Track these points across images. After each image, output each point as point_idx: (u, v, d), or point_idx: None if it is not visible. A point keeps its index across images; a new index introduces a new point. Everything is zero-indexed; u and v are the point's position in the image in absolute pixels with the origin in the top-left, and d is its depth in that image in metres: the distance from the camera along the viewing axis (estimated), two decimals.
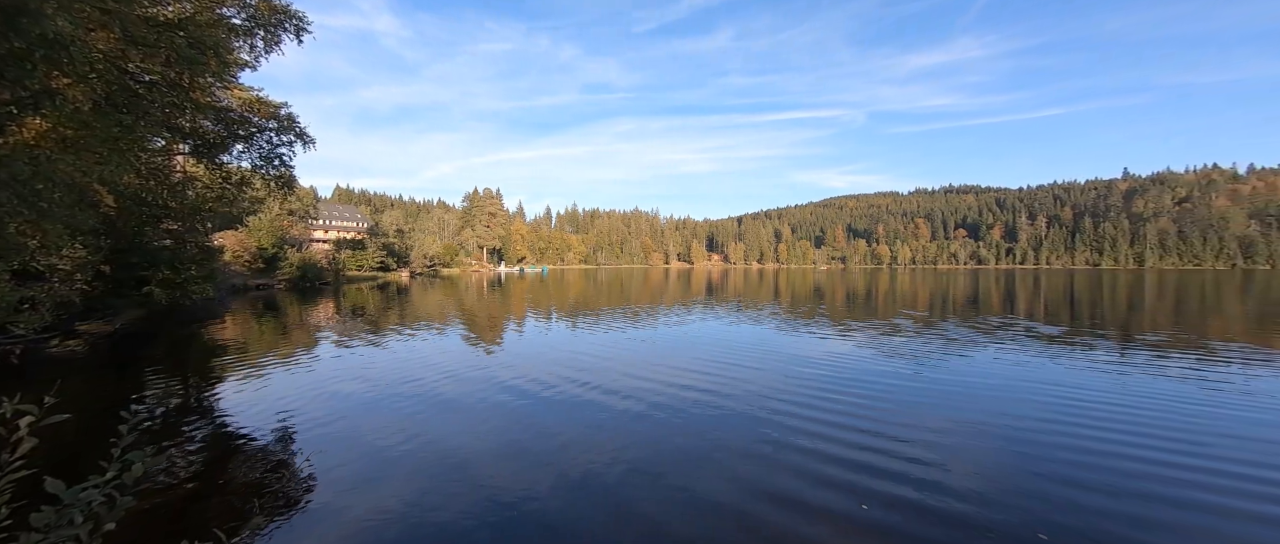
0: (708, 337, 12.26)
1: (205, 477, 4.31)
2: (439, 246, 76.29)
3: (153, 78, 9.69)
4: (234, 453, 4.92)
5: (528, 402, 6.56)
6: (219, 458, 4.77)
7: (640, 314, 17.37)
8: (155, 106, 10.18)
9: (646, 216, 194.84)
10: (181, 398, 6.90)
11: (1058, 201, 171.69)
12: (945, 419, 5.77)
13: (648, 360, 9.27)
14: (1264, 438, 5.09)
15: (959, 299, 24.12)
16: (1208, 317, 16.59)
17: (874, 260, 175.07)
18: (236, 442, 5.20)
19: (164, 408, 6.35)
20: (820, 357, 9.61)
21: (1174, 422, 5.59)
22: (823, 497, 3.88)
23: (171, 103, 10.37)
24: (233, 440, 5.24)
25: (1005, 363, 8.90)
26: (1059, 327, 13.83)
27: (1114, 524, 3.45)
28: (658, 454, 4.73)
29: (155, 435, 5.27)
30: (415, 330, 13.29)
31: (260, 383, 7.60)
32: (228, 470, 4.47)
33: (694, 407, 6.25)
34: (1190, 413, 5.91)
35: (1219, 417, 5.77)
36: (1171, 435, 5.15)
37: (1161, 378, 7.70)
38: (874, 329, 13.46)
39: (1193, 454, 4.65)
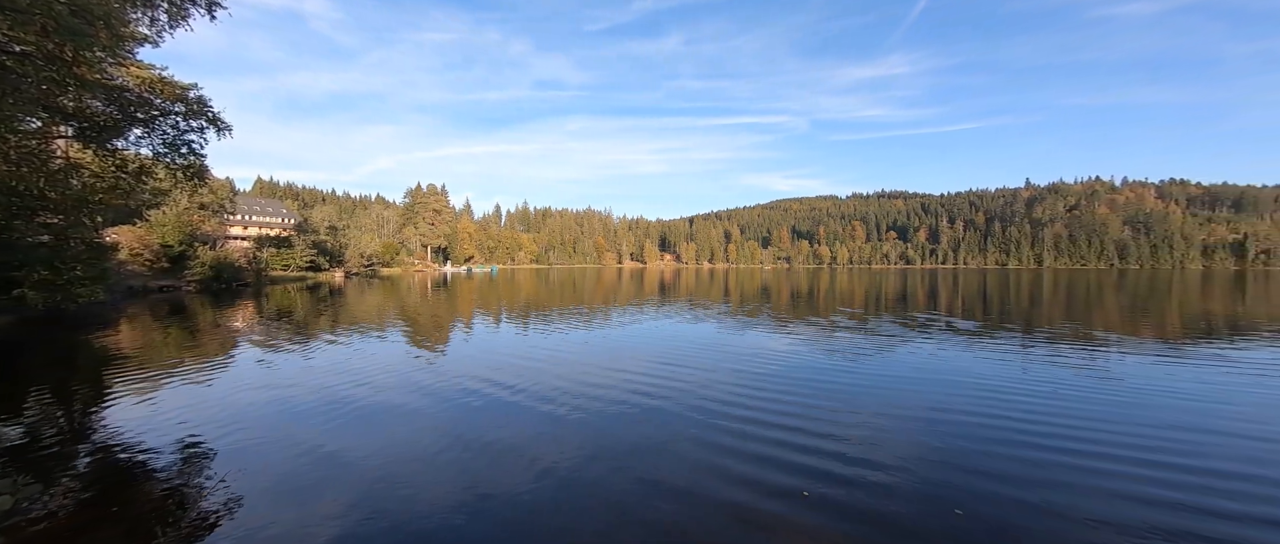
0: (660, 335, 12.42)
1: (96, 505, 3.79)
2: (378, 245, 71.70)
3: (25, 48, 8.38)
4: (133, 477, 4.37)
5: (474, 406, 6.33)
6: (114, 484, 4.22)
7: (593, 314, 17.28)
8: (29, 82, 8.80)
9: (599, 216, 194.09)
10: (65, 416, 6.02)
11: (973, 207, 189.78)
12: (878, 408, 6.21)
13: (600, 360, 9.25)
14: (1132, 418, 5.92)
15: (890, 297, 26.04)
16: (1091, 311, 19.02)
17: (816, 260, 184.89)
18: (136, 464, 4.62)
19: (42, 429, 5.51)
20: (766, 353, 10.03)
21: (1063, 404, 6.36)
22: (770, 483, 4.06)
23: (50, 78, 9.00)
24: (131, 463, 4.65)
25: (929, 355, 9.73)
26: (974, 322, 15.30)
27: (1015, 493, 3.88)
28: (610, 452, 4.73)
29: (30, 462, 4.57)
30: (350, 334, 12.42)
31: (164, 396, 6.79)
32: (125, 497, 3.97)
33: (647, 404, 6.31)
34: (1076, 396, 6.76)
35: (1099, 399, 6.63)
36: (1060, 415, 5.87)
37: (1054, 365, 8.75)
38: (815, 326, 14.23)
39: (1078, 431, 5.32)
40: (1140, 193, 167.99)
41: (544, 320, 15.50)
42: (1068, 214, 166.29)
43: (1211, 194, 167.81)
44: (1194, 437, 5.17)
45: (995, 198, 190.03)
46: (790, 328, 13.82)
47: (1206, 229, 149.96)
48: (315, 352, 10.14)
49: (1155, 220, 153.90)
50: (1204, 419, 5.76)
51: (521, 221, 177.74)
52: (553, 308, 19.67)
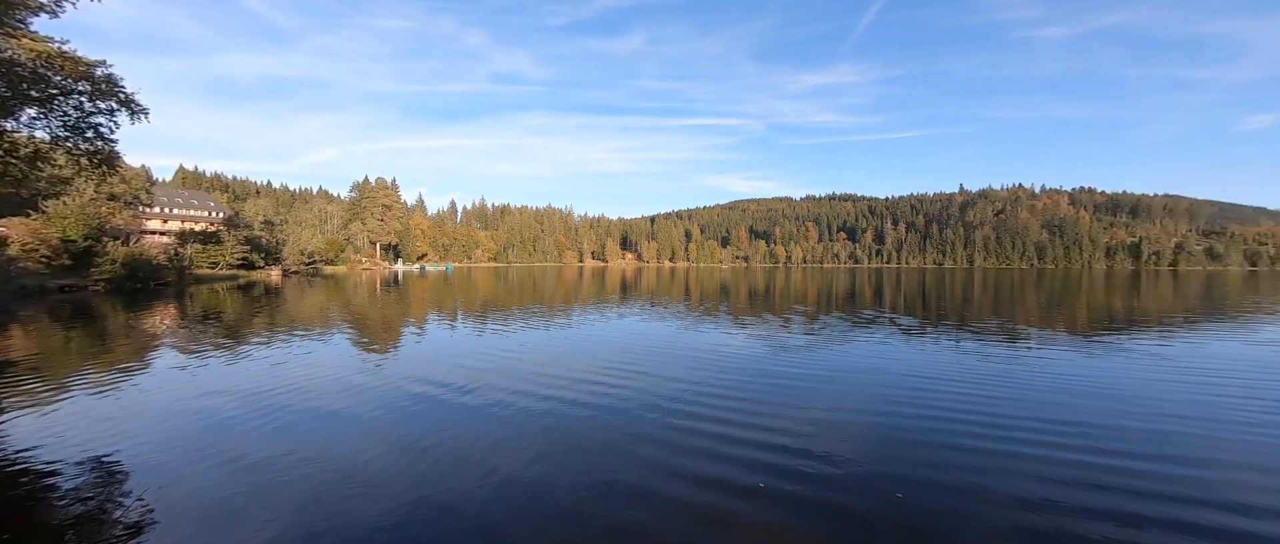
0: (621, 335, 12.45)
1: None
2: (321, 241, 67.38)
3: None
4: (30, 500, 3.88)
5: (427, 410, 6.09)
6: (8, 510, 3.73)
7: (553, 314, 17.05)
8: None
9: (560, 214, 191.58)
10: None
11: (914, 210, 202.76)
12: (828, 402, 6.53)
13: (560, 360, 9.15)
14: (1048, 403, 6.54)
15: (840, 295, 27.38)
16: (1015, 307, 20.84)
17: (772, 259, 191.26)
18: (34, 486, 4.10)
19: None
20: (724, 351, 10.28)
21: (990, 392, 6.94)
22: (728, 478, 4.17)
23: None
24: (28, 485, 4.12)
25: (874, 350, 10.33)
26: (914, 318, 16.37)
27: (948, 476, 4.20)
28: (569, 452, 4.69)
29: None
30: (288, 337, 11.60)
31: (66, 409, 6.07)
32: (22, 522, 3.51)
33: (608, 404, 6.31)
34: (1001, 385, 7.39)
35: (1020, 387, 7.29)
36: (988, 402, 6.40)
37: (983, 358, 9.52)
38: (771, 324, 14.74)
39: (1003, 417, 5.82)
40: (1056, 199, 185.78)
41: (502, 320, 15.12)
42: (995, 218, 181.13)
43: (1113, 201, 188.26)
44: (1099, 418, 5.79)
45: (933, 202, 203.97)
46: (747, 326, 14.24)
47: (1109, 233, 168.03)
48: (247, 356, 9.39)
49: (1068, 225, 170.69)
50: (1106, 403, 6.46)
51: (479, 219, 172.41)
52: (511, 307, 19.23)
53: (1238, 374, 8.15)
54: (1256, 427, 5.54)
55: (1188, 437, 5.23)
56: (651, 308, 19.16)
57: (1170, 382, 7.60)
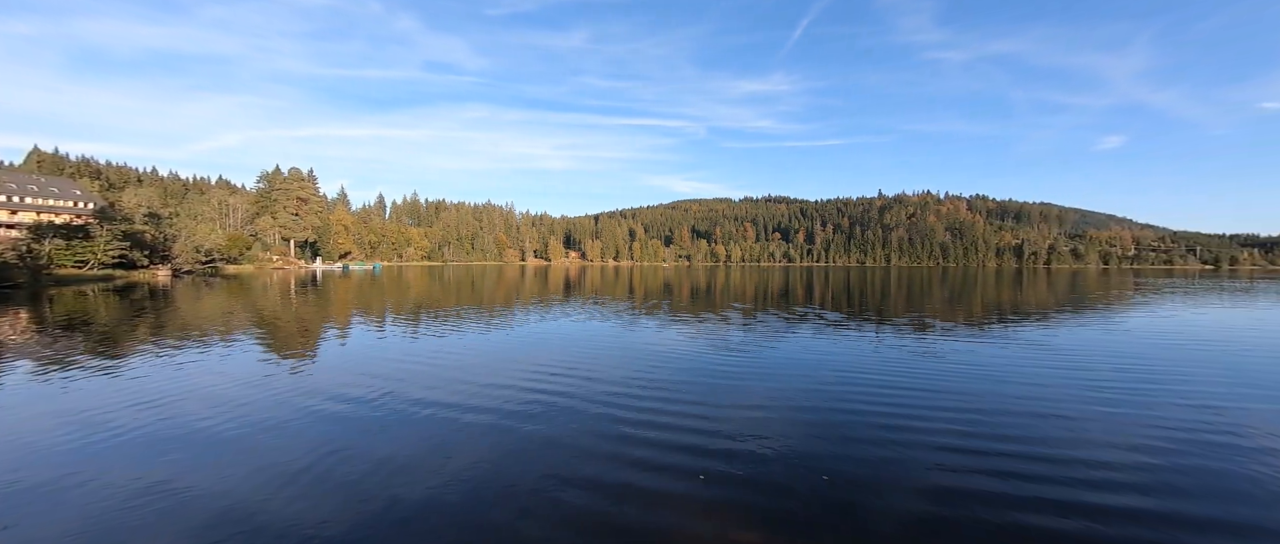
0: (565, 334, 12.29)
1: None
2: (221, 237, 60.09)
3: None
4: None
5: (358, 417, 5.65)
6: None
7: (494, 314, 16.45)
8: None
9: (501, 211, 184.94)
10: None
11: (840, 213, 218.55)
12: (763, 393, 6.88)
13: (502, 361, 8.86)
14: (952, 387, 7.35)
15: (775, 292, 28.90)
16: (924, 301, 23.15)
17: (713, 258, 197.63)
18: None
19: None
20: (667, 347, 10.49)
21: (903, 378, 7.68)
22: (672, 469, 4.27)
23: None
24: None
25: (805, 343, 11.03)
26: (840, 313, 17.68)
27: (869, 455, 4.60)
28: (513, 452, 4.57)
29: None
30: (180, 345, 10.22)
31: None
32: None
33: (551, 403, 6.21)
34: (912, 371, 8.20)
35: (929, 373, 8.13)
36: (901, 388, 7.08)
37: (898, 347, 10.50)
38: (711, 320, 15.25)
39: (914, 399, 6.47)
40: (956, 205, 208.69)
41: (438, 321, 14.35)
42: (908, 221, 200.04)
43: (1002, 207, 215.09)
44: (988, 397, 6.60)
45: (856, 205, 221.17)
46: (689, 324, 14.62)
47: (999, 235, 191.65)
48: (129, 368, 8.15)
49: (966, 228, 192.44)
50: (993, 384, 7.38)
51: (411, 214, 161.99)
52: (448, 308, 18.27)
53: (1096, 356, 9.66)
54: (1114, 404, 6.60)
55: (1057, 413, 6.11)
56: (595, 307, 19.08)
57: (1044, 364, 8.85)
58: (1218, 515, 3.62)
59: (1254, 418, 5.85)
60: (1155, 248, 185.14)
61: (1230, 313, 17.81)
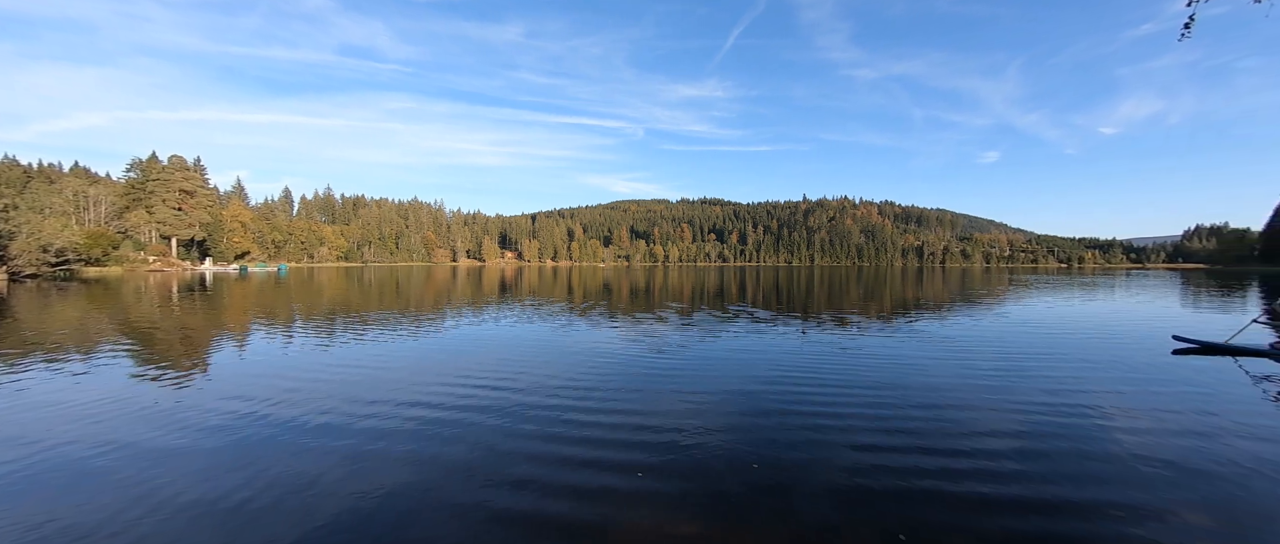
0: (500, 337, 11.87)
1: None
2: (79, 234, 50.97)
3: None
4: None
5: (247, 442, 5.06)
6: None
7: (423, 318, 15.47)
8: None
9: (429, 208, 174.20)
10: None
11: (769, 215, 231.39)
12: (697, 389, 7.13)
13: (433, 368, 8.37)
14: (866, 377, 8.09)
15: (710, 291, 29.99)
16: (842, 298, 25.20)
17: (652, 258, 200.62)
18: None
19: None
20: (606, 347, 10.51)
21: (826, 368, 8.34)
22: (609, 468, 4.30)
23: None
24: None
25: (737, 340, 11.58)
26: (770, 311, 18.74)
27: (796, 445, 4.95)
28: (445, 460, 4.35)
29: None
30: (18, 363, 8.52)
31: None
32: None
33: (487, 408, 5.98)
34: (834, 363, 8.92)
35: (847, 365, 8.89)
36: (823, 380, 7.68)
37: (821, 342, 11.35)
38: (649, 320, 15.51)
39: (835, 391, 7.05)
40: (869, 209, 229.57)
41: (356, 327, 13.21)
42: (829, 224, 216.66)
43: (906, 212, 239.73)
44: (896, 383, 7.37)
45: (784, 208, 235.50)
46: (627, 323, 14.76)
47: (904, 237, 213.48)
48: None
49: (877, 230, 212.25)
50: (901, 373, 8.24)
51: (324, 211, 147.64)
52: (368, 312, 16.86)
53: (979, 344, 11.09)
54: (993, 387, 7.63)
55: (949, 395, 6.96)
56: (532, 308, 18.63)
57: (939, 353, 10.02)
58: (1067, 475, 4.34)
59: (1093, 392, 7.06)
60: (1025, 249, 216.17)
61: (1079, 303, 21.33)
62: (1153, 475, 4.26)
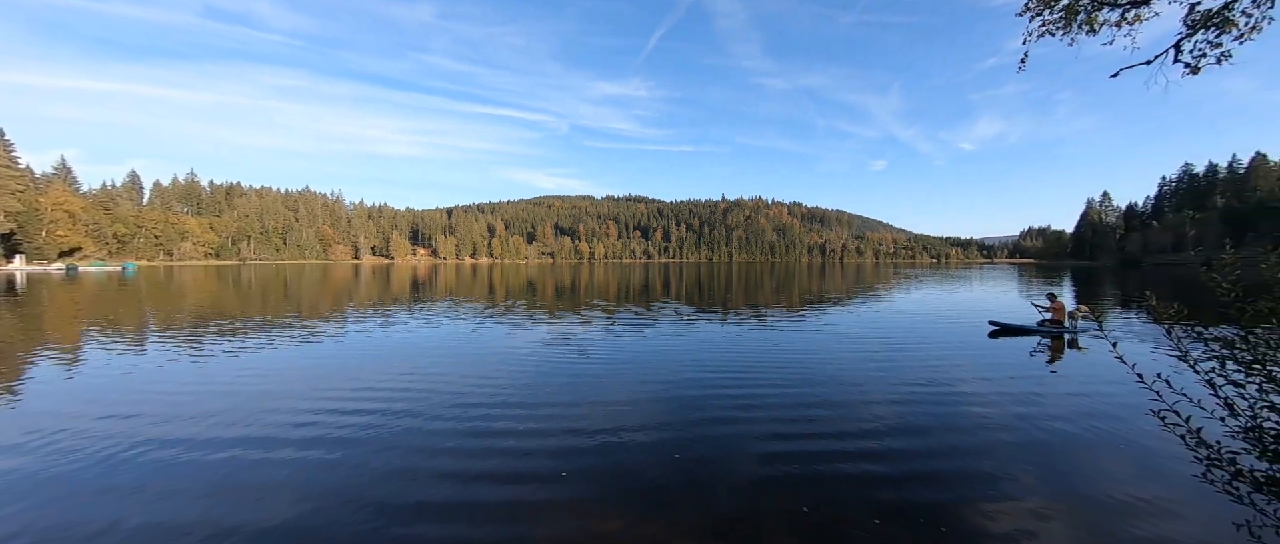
0: (410, 342, 11.04)
1: None
2: None
3: None
4: None
5: (83, 482, 4.24)
6: None
7: (316, 324, 13.86)
8: None
9: (325, 200, 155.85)
10: None
11: (691, 213, 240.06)
12: (623, 385, 7.26)
13: (323, 381, 7.56)
14: (779, 365, 8.78)
15: (636, 288, 30.48)
16: (758, 292, 27.00)
17: (577, 255, 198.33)
18: None
19: None
20: (529, 347, 10.26)
21: (742, 357, 8.93)
22: (533, 471, 4.25)
23: None
24: None
25: (662, 335, 11.94)
26: (692, 307, 19.53)
27: (712, 432, 5.26)
28: (354, 479, 3.99)
29: None
30: None
31: None
32: None
33: (399, 418, 5.56)
34: (750, 353, 9.57)
35: (762, 353, 9.58)
36: (742, 368, 8.22)
37: (739, 334, 12.09)
38: (574, 318, 15.41)
39: (751, 377, 7.58)
40: (780, 209, 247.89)
41: (230, 337, 11.47)
42: (745, 222, 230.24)
43: (812, 213, 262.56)
44: (803, 371, 8.10)
45: (705, 207, 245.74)
46: (551, 323, 14.53)
47: (810, 236, 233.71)
48: None
49: (787, 229, 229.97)
50: (807, 360, 9.07)
51: (187, 200, 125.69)
52: (246, 319, 14.69)
53: (871, 330, 12.57)
54: (882, 367, 8.68)
55: (846, 377, 7.82)
56: (449, 310, 17.56)
57: (839, 339, 11.19)
58: (929, 438, 5.13)
59: (946, 368, 8.37)
60: (906, 247, 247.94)
61: (941, 294, 25.01)
62: (987, 432, 5.21)
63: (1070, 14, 5.33)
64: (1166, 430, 2.56)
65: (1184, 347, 2.63)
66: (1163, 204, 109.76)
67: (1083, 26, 5.36)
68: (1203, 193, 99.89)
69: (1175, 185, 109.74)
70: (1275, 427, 2.37)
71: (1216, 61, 4.92)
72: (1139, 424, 5.50)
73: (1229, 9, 4.70)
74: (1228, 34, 4.79)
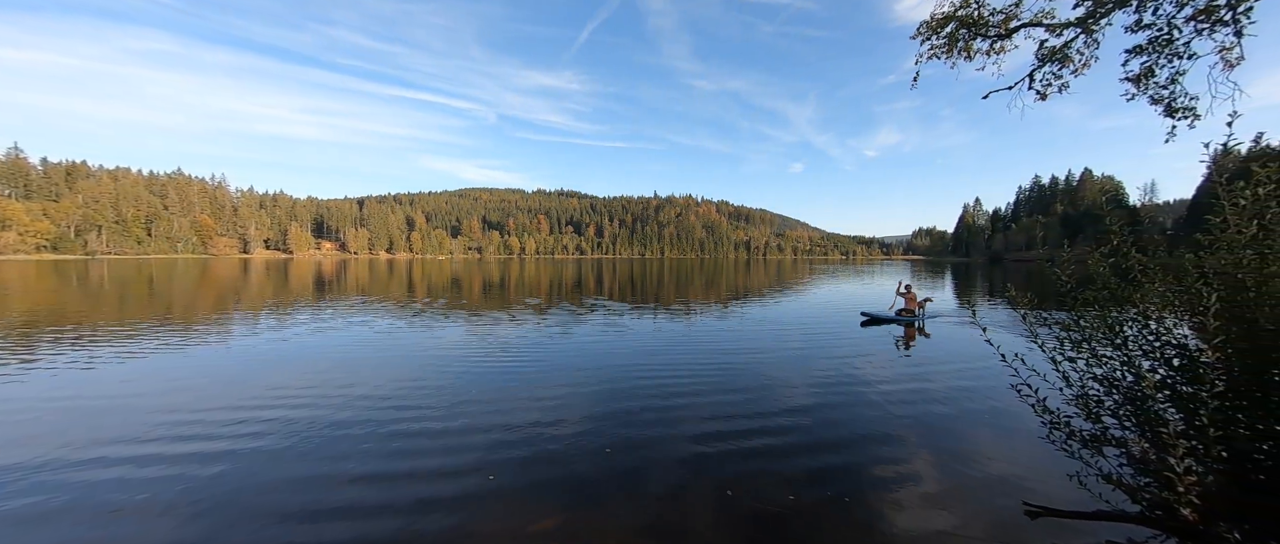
0: (315, 346, 9.94)
1: None
2: None
3: None
4: None
5: None
6: None
7: (190, 328, 11.97)
8: None
9: (203, 185, 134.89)
10: None
11: (624, 209, 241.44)
12: (556, 384, 7.13)
13: (197, 394, 6.57)
14: (706, 358, 9.10)
15: (568, 285, 30.04)
16: (689, 288, 27.82)
17: (507, 250, 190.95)
18: None
19: None
20: (451, 350, 9.70)
21: (672, 351, 9.15)
22: (457, 475, 4.02)
23: None
24: None
25: (594, 332, 11.89)
26: (625, 303, 19.66)
27: (644, 427, 5.33)
28: (253, 501, 3.48)
29: None
30: None
31: None
32: None
33: (297, 433, 4.97)
34: (679, 344, 9.83)
35: (689, 344, 9.88)
36: (669, 359, 8.43)
37: (670, 329, 12.37)
38: (503, 316, 14.84)
39: (679, 371, 7.79)
40: (708, 208, 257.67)
41: (83, 347, 9.52)
42: (676, 219, 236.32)
43: (738, 211, 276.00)
44: (729, 363, 8.49)
45: (638, 203, 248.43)
46: (478, 321, 13.87)
47: (736, 233, 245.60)
48: None
49: (715, 226, 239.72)
50: (731, 352, 9.51)
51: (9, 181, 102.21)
52: (104, 325, 12.26)
53: (791, 320, 13.49)
54: (801, 355, 9.34)
55: (767, 366, 8.32)
56: (362, 309, 16.07)
57: (762, 330, 11.88)
58: (832, 415, 5.64)
59: (842, 356, 9.26)
60: (820, 245, 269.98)
61: (845, 287, 27.59)
62: (880, 409, 5.85)
63: (952, 41, 6.09)
64: (1022, 401, 3.04)
65: (1035, 329, 3.13)
66: (1019, 209, 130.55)
67: (961, 52, 6.15)
68: (1047, 200, 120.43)
69: (1028, 194, 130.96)
70: (1097, 394, 2.91)
71: (1058, 90, 5.89)
72: (1002, 396, 6.48)
73: (1068, 47, 5.63)
74: (1067, 68, 5.74)
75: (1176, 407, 2.54)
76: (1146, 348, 2.73)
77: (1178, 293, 2.70)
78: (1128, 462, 2.80)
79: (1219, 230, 2.59)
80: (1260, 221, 2.44)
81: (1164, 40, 5.16)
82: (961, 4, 5.94)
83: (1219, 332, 2.36)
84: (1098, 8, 5.37)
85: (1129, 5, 5.21)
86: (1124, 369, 2.74)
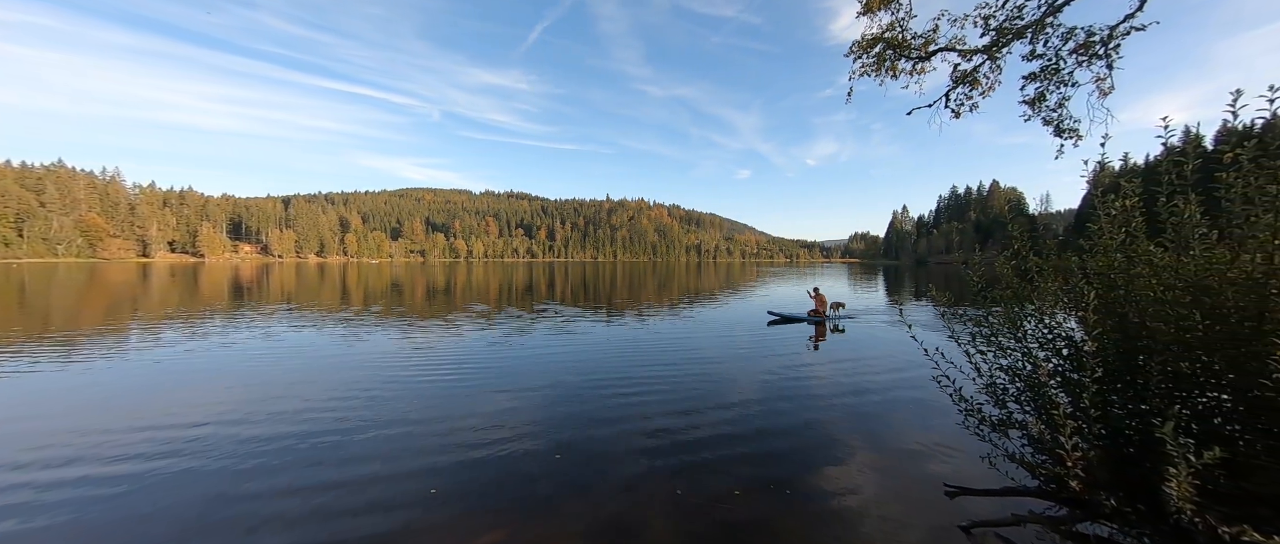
0: (223, 360, 9.01)
1: None
2: None
3: None
4: None
5: None
6: None
7: (73, 341, 10.42)
8: None
9: (91, 179, 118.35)
10: None
11: (576, 212, 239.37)
12: (502, 393, 6.90)
13: (85, 415, 5.75)
14: (658, 361, 9.18)
15: (519, 289, 29.27)
16: (641, 290, 27.98)
17: (453, 254, 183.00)
18: None
19: None
20: (390, 361, 9.15)
21: (624, 353, 9.15)
22: (398, 490, 3.78)
23: None
24: None
25: (547, 337, 11.66)
26: (577, 308, 19.45)
27: (594, 430, 5.29)
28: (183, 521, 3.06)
29: None
30: None
31: None
32: None
33: (218, 449, 4.46)
34: (631, 347, 9.86)
35: (641, 347, 9.93)
36: (621, 361, 8.43)
37: (620, 333, 12.37)
38: (446, 324, 14.20)
39: (631, 370, 7.81)
40: (660, 211, 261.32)
41: None
42: (629, 222, 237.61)
43: (689, 215, 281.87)
44: (679, 365, 8.62)
45: (590, 206, 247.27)
46: (419, 328, 13.19)
47: (687, 236, 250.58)
48: None
49: (667, 230, 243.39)
50: (683, 353, 9.68)
51: None
52: None
53: (739, 323, 13.93)
54: (746, 355, 9.65)
55: (717, 367, 8.54)
56: (287, 318, 14.75)
57: (712, 333, 12.19)
58: (767, 408, 5.90)
59: (773, 354, 9.74)
60: (766, 248, 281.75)
61: (783, 289, 29.00)
62: (818, 404, 6.20)
63: (880, 60, 6.61)
64: (942, 391, 3.33)
65: (952, 326, 3.45)
66: (940, 216, 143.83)
67: (888, 71, 6.69)
68: (963, 208, 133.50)
69: (948, 202, 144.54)
70: (1003, 382, 3.24)
71: (969, 109, 6.54)
72: (926, 387, 7.06)
73: (976, 71, 6.27)
74: (976, 90, 6.39)
75: (1066, 391, 2.89)
76: (1042, 340, 3.09)
77: (1066, 291, 3.08)
78: (1028, 442, 3.14)
79: (1096, 236, 2.98)
80: (1127, 229, 2.84)
81: (1052, 69, 5.91)
82: (888, 27, 6.48)
83: (1097, 325, 2.72)
84: (1000, 37, 6.06)
85: (1024, 37, 5.92)
86: (1024, 359, 3.08)
